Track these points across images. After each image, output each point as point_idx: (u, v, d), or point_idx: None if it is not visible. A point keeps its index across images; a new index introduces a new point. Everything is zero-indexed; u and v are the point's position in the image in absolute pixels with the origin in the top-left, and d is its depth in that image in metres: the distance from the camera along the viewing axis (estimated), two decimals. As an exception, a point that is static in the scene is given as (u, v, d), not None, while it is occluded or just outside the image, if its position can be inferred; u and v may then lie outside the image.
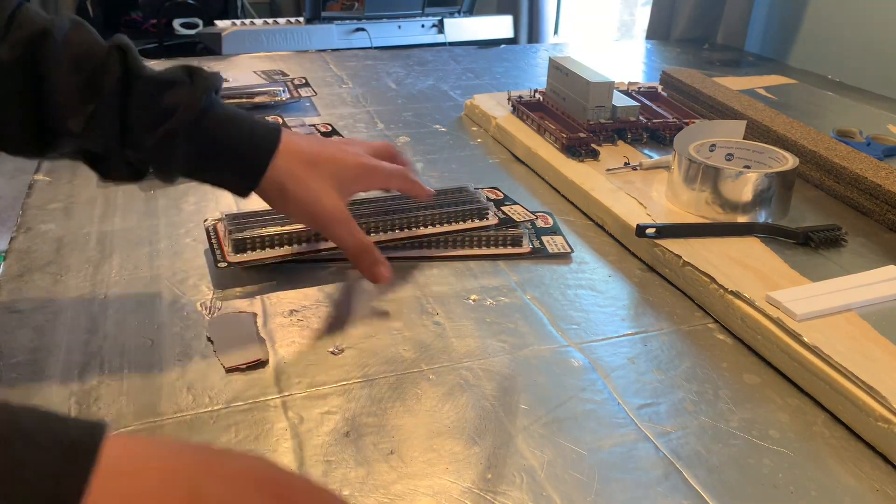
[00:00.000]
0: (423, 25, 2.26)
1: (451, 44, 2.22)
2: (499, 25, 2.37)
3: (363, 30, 2.15)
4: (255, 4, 3.12)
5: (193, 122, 0.51)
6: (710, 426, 0.46)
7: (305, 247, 0.61)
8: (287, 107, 1.00)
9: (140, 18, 3.11)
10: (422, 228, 0.64)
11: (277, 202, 0.55)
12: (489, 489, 0.40)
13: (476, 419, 0.46)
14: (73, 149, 0.52)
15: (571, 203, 0.75)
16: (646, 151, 0.83)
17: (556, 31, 2.50)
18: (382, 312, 0.56)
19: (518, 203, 0.70)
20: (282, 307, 0.56)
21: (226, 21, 2.06)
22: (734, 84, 1.08)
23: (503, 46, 1.49)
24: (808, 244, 0.64)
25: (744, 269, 0.58)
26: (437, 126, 0.96)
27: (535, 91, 0.97)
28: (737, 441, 0.45)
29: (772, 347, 0.51)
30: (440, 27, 2.27)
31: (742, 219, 0.66)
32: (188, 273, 0.61)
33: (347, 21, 2.16)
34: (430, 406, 0.47)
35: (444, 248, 0.64)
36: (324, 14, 2.13)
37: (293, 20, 2.16)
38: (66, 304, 0.56)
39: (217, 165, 0.54)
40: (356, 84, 1.15)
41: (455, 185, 0.70)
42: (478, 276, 0.61)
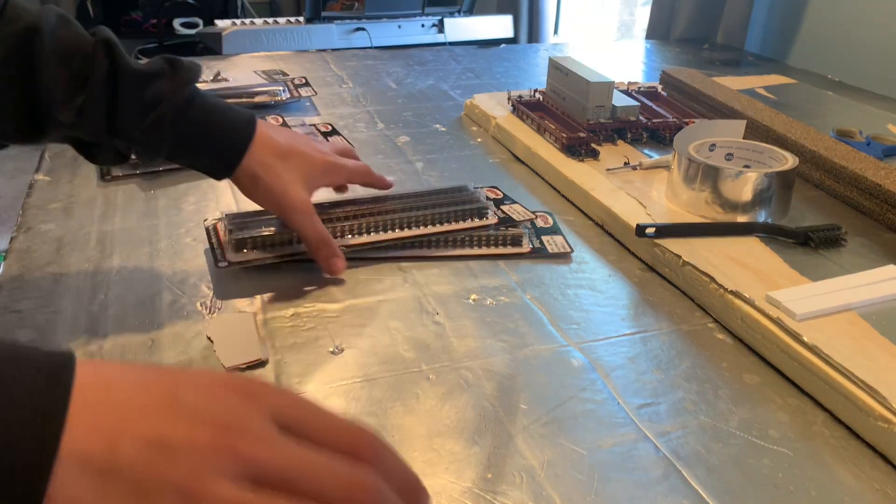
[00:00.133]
0: (423, 25, 2.26)
1: (451, 44, 2.22)
2: (499, 25, 2.37)
3: (363, 29, 2.15)
4: (255, 4, 3.12)
5: (179, 112, 0.54)
6: (710, 426, 0.46)
7: (305, 246, 0.61)
8: (287, 106, 1.00)
9: (140, 18, 3.11)
10: (421, 228, 0.64)
11: (248, 189, 0.59)
12: (489, 489, 0.40)
13: (476, 419, 0.46)
14: (63, 136, 0.54)
15: (571, 203, 0.75)
16: (646, 151, 0.83)
17: (556, 31, 2.49)
18: (382, 312, 0.56)
19: (518, 202, 0.70)
20: (282, 307, 0.56)
21: (226, 21, 2.06)
22: (734, 84, 1.08)
23: (503, 46, 1.49)
24: (808, 244, 0.64)
25: (744, 269, 0.58)
26: (437, 126, 0.96)
27: (535, 91, 0.97)
28: (736, 441, 0.45)
29: (771, 347, 0.51)
30: (440, 27, 2.27)
31: (742, 218, 0.66)
32: (188, 273, 0.61)
33: (347, 21, 2.16)
34: (430, 406, 0.47)
35: (444, 248, 0.64)
36: (324, 14, 2.13)
37: (293, 20, 2.15)
38: (66, 304, 0.56)
39: (198, 152, 0.58)
40: (356, 84, 1.15)
41: (455, 185, 0.70)
42: (478, 276, 0.61)
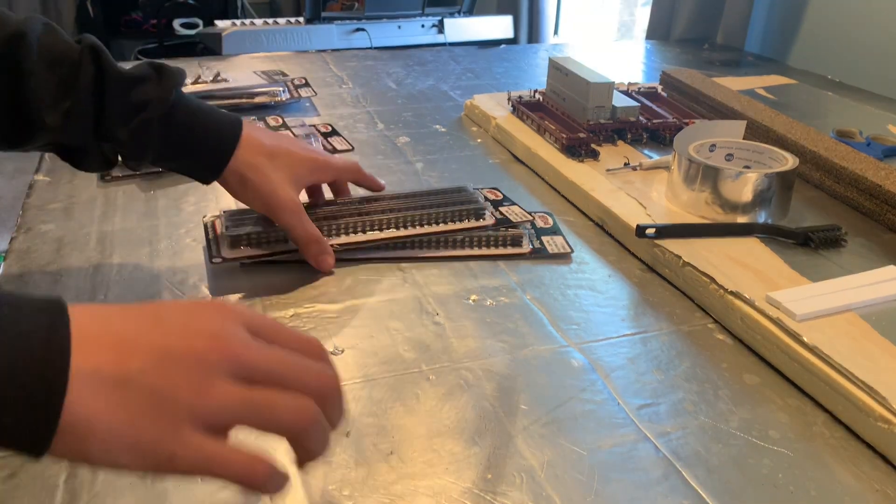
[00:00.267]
0: (423, 25, 2.26)
1: (451, 44, 2.22)
2: (499, 25, 2.37)
3: (363, 30, 2.15)
4: (255, 4, 3.12)
5: (165, 115, 0.54)
6: (710, 426, 0.46)
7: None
8: (287, 107, 1.00)
9: (140, 18, 3.11)
10: (417, 227, 0.64)
11: (237, 190, 0.59)
12: (489, 489, 0.40)
13: (476, 419, 0.46)
14: (49, 142, 0.54)
15: (571, 203, 0.75)
16: (646, 151, 0.83)
17: (556, 32, 2.49)
18: (382, 313, 0.56)
19: (517, 204, 0.70)
20: (282, 307, 0.56)
21: (226, 21, 2.06)
22: (734, 84, 1.08)
23: (503, 46, 1.49)
24: (808, 244, 0.64)
25: (744, 270, 0.58)
26: (437, 126, 0.96)
27: (535, 91, 0.97)
28: (736, 441, 0.45)
29: (771, 347, 0.51)
30: (440, 27, 2.27)
31: (742, 219, 0.66)
32: (188, 273, 0.61)
33: (347, 21, 2.16)
34: (430, 406, 0.47)
35: (444, 249, 0.64)
36: (324, 14, 2.13)
37: (293, 20, 2.15)
38: (66, 305, 0.56)
39: (185, 155, 0.58)
40: (356, 84, 1.15)
41: (453, 186, 0.70)
42: (478, 276, 0.61)
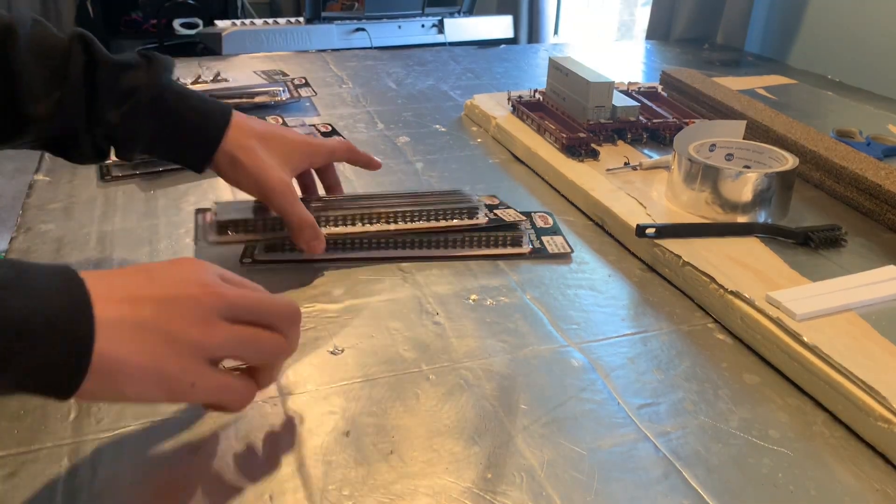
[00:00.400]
0: (423, 25, 2.26)
1: (451, 44, 2.22)
2: (499, 25, 2.37)
3: (363, 30, 2.15)
4: (255, 4, 3.12)
5: (154, 99, 0.55)
6: (710, 426, 0.46)
7: (287, 232, 0.60)
8: (287, 107, 1.00)
9: (140, 18, 3.11)
10: (410, 223, 0.63)
11: (229, 173, 0.59)
12: (489, 489, 0.40)
13: (476, 419, 0.46)
14: (40, 135, 0.54)
15: (571, 203, 0.75)
16: (646, 151, 0.83)
17: (556, 31, 2.50)
18: (382, 312, 0.56)
19: (511, 207, 0.69)
20: (282, 307, 0.56)
21: (226, 21, 2.06)
22: (734, 84, 1.08)
23: (503, 46, 1.49)
24: (808, 244, 0.64)
25: (744, 269, 0.58)
26: (437, 126, 0.96)
27: (535, 91, 0.97)
28: (736, 441, 0.45)
29: (771, 347, 0.51)
30: (440, 27, 2.27)
31: (742, 219, 0.66)
32: (188, 273, 0.61)
33: (347, 21, 2.16)
34: (430, 406, 0.47)
35: (444, 249, 0.64)
36: (324, 14, 2.13)
37: (293, 20, 2.16)
38: (66, 304, 0.56)
39: (176, 139, 0.58)
40: (356, 84, 1.15)
41: (449, 188, 0.69)
42: (478, 276, 0.61)
